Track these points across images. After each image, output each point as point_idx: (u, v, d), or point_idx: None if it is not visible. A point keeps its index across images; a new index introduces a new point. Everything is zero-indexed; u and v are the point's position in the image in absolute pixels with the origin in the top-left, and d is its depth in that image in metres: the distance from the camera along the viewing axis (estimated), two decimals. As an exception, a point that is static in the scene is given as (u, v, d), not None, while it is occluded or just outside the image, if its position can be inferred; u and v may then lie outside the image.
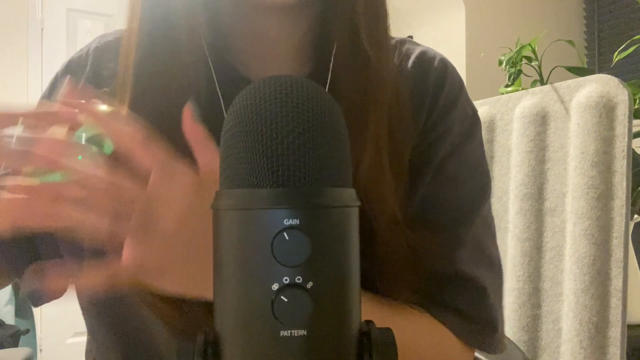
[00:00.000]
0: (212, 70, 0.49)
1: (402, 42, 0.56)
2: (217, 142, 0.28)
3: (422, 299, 0.49)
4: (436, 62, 0.55)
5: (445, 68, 0.56)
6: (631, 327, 0.99)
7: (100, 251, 0.38)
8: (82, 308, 0.52)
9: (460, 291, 0.50)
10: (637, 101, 1.09)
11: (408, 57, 0.55)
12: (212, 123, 0.45)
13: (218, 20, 0.50)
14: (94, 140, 0.36)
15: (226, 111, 0.47)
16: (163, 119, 0.42)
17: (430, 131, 0.52)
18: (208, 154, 0.36)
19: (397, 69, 0.52)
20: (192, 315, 0.39)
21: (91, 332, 0.53)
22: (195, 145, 0.36)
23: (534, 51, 1.23)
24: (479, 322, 0.50)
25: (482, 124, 1.19)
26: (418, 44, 0.57)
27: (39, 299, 0.51)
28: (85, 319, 0.52)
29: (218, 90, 0.48)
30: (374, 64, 0.48)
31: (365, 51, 0.48)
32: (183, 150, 0.41)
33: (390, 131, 0.48)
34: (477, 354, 0.75)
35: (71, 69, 0.54)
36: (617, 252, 0.92)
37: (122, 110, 0.44)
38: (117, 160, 0.35)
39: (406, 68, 0.54)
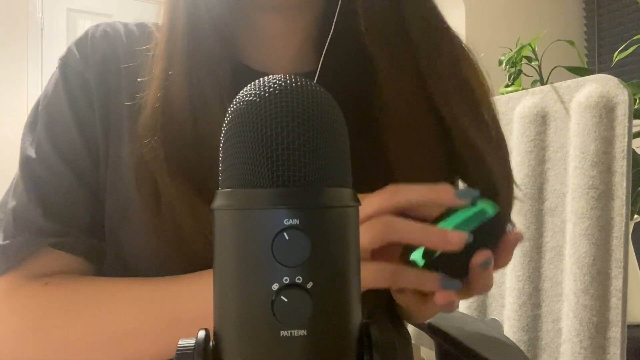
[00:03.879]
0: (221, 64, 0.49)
1: None
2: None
3: None
4: None
5: None
6: (631, 327, 0.99)
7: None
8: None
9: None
10: (637, 101, 1.09)
11: None
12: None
13: (222, 20, 0.51)
14: None
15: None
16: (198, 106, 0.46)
17: None
18: None
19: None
20: None
21: None
22: None
23: (534, 51, 1.23)
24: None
25: (482, 124, 1.19)
26: None
27: None
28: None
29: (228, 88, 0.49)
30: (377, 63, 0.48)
31: (363, 47, 0.48)
32: (212, 148, 0.43)
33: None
34: (479, 351, 0.74)
35: (70, 61, 0.53)
36: (617, 252, 0.92)
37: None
38: None
39: None
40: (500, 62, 1.32)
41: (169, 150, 0.45)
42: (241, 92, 0.25)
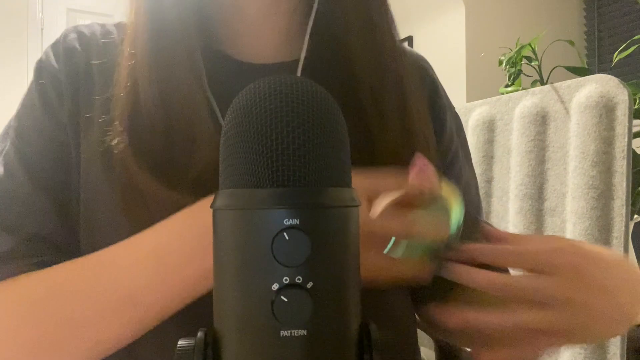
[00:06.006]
0: (200, 55, 0.47)
1: None
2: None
3: None
4: (425, 63, 0.56)
5: (432, 70, 0.56)
6: (631, 327, 0.99)
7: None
8: None
9: None
10: (637, 101, 1.09)
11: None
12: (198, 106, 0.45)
13: (203, 4, 0.49)
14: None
15: (212, 93, 0.47)
16: (170, 103, 0.44)
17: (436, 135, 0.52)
18: None
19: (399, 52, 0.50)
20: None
21: None
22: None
23: (534, 51, 1.23)
24: None
25: (482, 124, 1.19)
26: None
27: None
28: None
29: (205, 76, 0.47)
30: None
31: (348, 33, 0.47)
32: (186, 136, 0.43)
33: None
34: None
35: (44, 63, 0.51)
36: (617, 252, 0.92)
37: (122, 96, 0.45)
38: None
39: None
40: (500, 62, 1.33)
41: (136, 139, 0.44)
42: (241, 91, 0.25)
